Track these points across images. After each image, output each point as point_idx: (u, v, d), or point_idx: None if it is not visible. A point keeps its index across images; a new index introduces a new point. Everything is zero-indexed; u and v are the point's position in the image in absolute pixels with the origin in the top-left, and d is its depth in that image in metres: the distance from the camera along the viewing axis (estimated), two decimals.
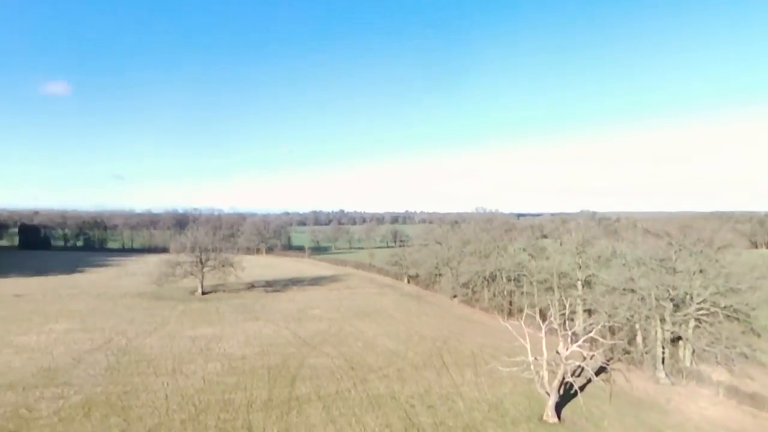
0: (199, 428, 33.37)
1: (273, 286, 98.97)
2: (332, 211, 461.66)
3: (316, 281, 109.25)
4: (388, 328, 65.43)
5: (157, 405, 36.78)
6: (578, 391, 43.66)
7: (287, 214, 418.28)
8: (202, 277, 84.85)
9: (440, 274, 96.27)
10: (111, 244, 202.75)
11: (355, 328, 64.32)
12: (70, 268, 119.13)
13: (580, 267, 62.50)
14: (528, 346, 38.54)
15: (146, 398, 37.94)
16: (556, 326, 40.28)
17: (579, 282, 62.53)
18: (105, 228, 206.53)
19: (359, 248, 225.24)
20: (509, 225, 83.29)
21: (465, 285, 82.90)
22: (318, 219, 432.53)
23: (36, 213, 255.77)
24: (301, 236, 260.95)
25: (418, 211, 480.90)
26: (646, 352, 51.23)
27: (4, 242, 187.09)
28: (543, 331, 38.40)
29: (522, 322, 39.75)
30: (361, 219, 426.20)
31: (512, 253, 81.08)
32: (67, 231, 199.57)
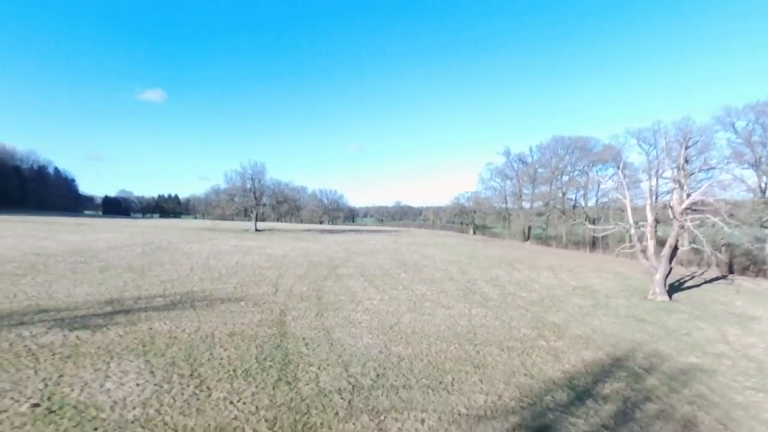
0: (216, 286, 28.35)
1: (329, 231, 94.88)
2: (397, 205, 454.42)
3: (375, 231, 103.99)
4: (449, 251, 58.01)
5: (179, 270, 32.44)
6: (690, 286, 34.31)
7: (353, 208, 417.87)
8: (256, 214, 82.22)
9: (509, 215, 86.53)
10: (184, 218, 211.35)
11: (412, 250, 57.62)
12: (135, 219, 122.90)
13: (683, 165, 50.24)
14: (627, 202, 29.66)
15: (169, 267, 33.76)
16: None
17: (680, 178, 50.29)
18: (179, 202, 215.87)
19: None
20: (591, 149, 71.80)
21: (539, 215, 72.87)
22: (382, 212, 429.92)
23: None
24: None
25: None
26: None
27: (89, 212, 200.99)
28: (650, 175, 29.36)
29: (620, 171, 30.86)
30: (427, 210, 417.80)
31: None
32: (145, 204, 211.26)
